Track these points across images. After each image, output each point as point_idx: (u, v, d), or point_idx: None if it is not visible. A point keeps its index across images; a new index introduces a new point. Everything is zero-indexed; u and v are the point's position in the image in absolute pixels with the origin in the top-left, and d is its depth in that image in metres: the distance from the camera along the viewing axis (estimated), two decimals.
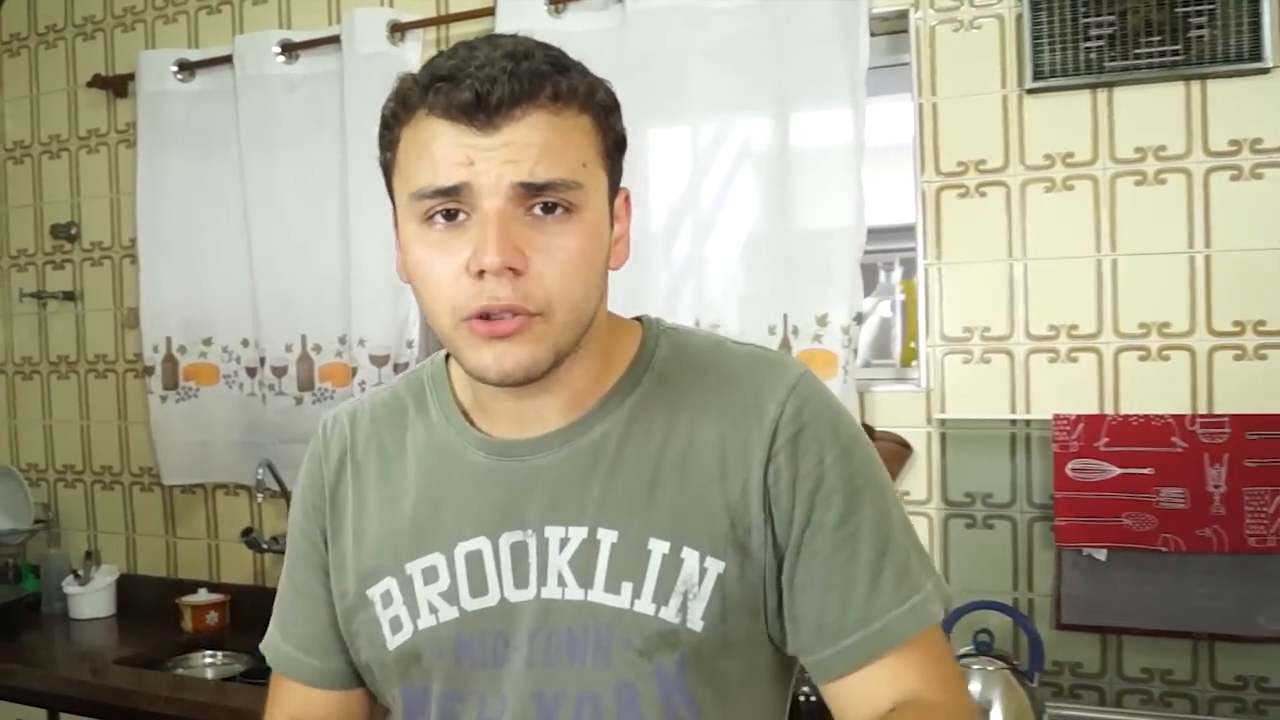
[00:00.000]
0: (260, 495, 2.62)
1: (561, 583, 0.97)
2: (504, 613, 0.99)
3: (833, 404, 1.00)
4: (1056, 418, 2.01)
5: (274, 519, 2.79)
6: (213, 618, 2.77)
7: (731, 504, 0.96)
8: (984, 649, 1.95)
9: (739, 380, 1.00)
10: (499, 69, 0.86)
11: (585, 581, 0.97)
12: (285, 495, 2.66)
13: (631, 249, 1.01)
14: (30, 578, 3.04)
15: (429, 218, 0.90)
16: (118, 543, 3.08)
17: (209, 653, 2.72)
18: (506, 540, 0.99)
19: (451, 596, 1.00)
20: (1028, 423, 2.11)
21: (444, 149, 0.88)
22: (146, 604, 2.93)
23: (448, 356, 1.09)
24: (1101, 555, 2.00)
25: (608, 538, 0.97)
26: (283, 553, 2.67)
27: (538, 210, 0.88)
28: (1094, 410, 2.06)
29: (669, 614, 0.95)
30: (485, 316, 0.88)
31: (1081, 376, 2.08)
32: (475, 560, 1.00)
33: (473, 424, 1.04)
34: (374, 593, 1.04)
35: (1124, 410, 2.04)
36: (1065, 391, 2.08)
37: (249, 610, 2.78)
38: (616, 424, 1.00)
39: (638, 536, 0.96)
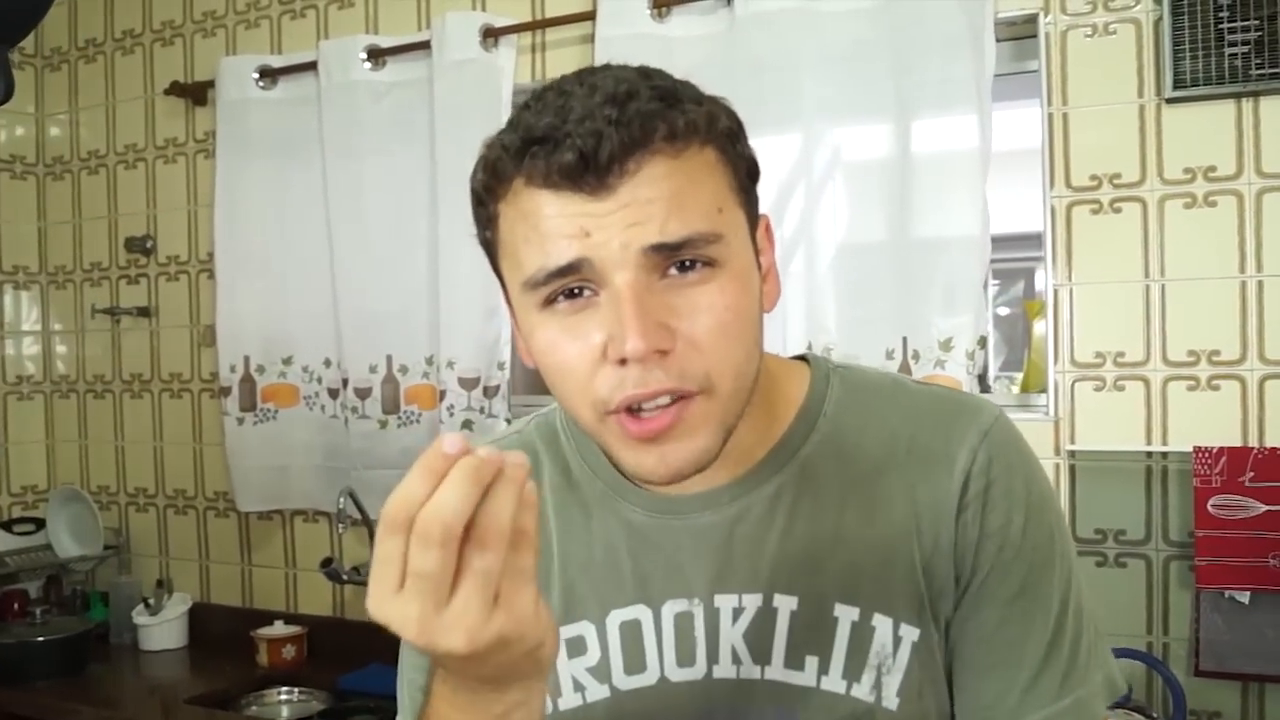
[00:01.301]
0: (341, 524, 2.69)
1: (736, 659, 0.93)
2: (665, 694, 0.95)
3: (1028, 457, 0.96)
4: (1197, 450, 2.03)
5: (355, 548, 2.87)
6: (289, 651, 2.85)
7: (925, 562, 0.92)
8: (1120, 701, 1.95)
9: (925, 424, 0.95)
10: (602, 119, 0.79)
11: (762, 657, 0.92)
12: (368, 523, 2.74)
13: None
14: (99, 606, 3.16)
15: (549, 302, 0.83)
16: (190, 570, 3.20)
17: (285, 689, 2.79)
18: (670, 610, 0.95)
19: (602, 673, 0.96)
20: (1164, 455, 2.13)
21: (554, 223, 0.81)
22: (220, 635, 3.01)
23: None
24: (1244, 598, 2.01)
25: (786, 605, 0.92)
26: (364, 584, 2.76)
27: (674, 271, 0.82)
28: (1237, 442, 2.07)
29: (861, 691, 0.91)
30: (634, 409, 0.82)
31: (1223, 406, 2.10)
32: (632, 632, 0.95)
33: (624, 477, 0.97)
34: None
35: (1270, 442, 2.05)
36: (1205, 422, 2.10)
37: (327, 644, 2.87)
38: (790, 477, 0.95)
39: (821, 603, 0.92)
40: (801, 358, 1.03)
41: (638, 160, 0.80)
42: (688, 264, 0.82)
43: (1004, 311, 3.73)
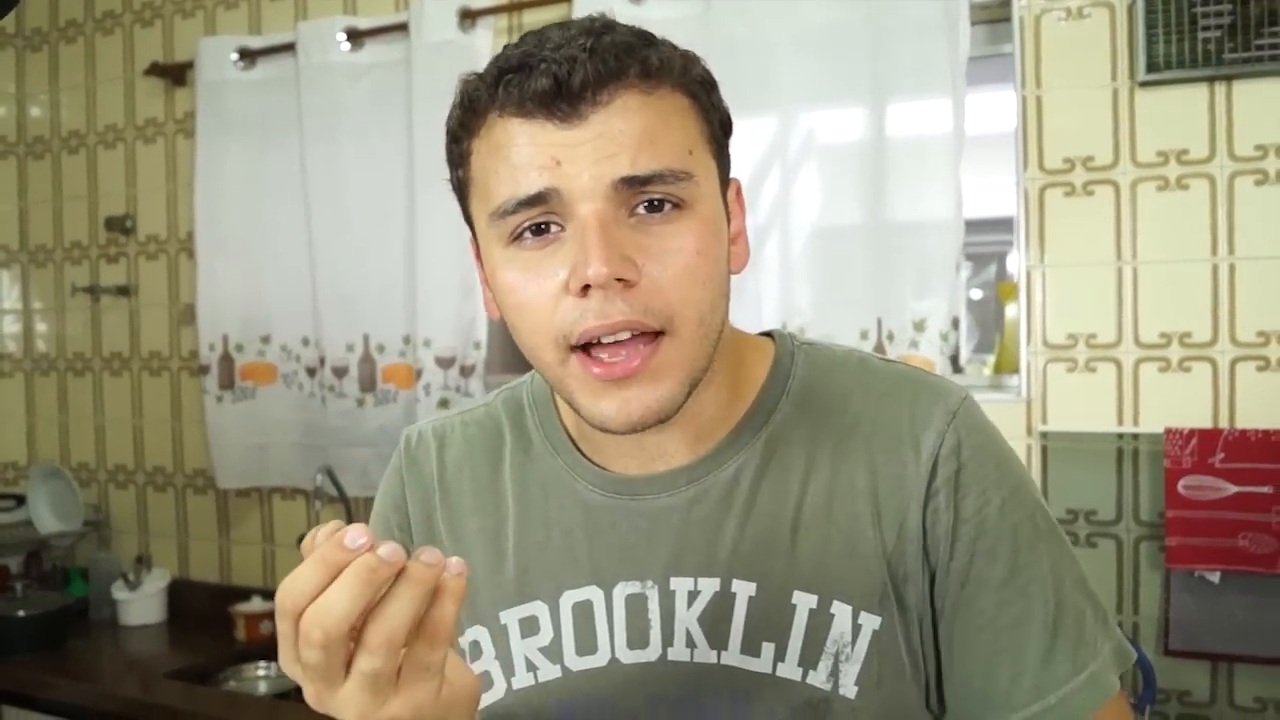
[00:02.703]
0: (319, 501, 2.67)
1: (690, 643, 0.90)
2: (615, 676, 0.91)
3: (997, 438, 0.92)
4: (1169, 431, 2.02)
5: None
6: (267, 627, 2.83)
7: (887, 550, 0.88)
8: None
9: (890, 405, 0.91)
10: (576, 48, 0.78)
11: (718, 642, 0.89)
12: (345, 501, 2.73)
13: None
14: (79, 581, 3.13)
15: (516, 237, 0.82)
16: (169, 546, 3.18)
17: (263, 664, 2.78)
18: (621, 591, 0.92)
19: (554, 653, 0.93)
20: (1135, 436, 2.12)
21: (525, 152, 0.80)
22: (198, 611, 3.00)
23: None
24: (1214, 578, 2.00)
25: (744, 591, 0.89)
26: None
27: (641, 210, 0.80)
28: (1208, 424, 2.06)
29: (818, 679, 0.87)
30: (593, 347, 0.81)
31: (1195, 388, 2.08)
32: (584, 613, 0.93)
33: (584, 455, 0.96)
34: (462, 642, 0.96)
35: (1240, 424, 2.04)
36: (1177, 403, 2.09)
37: None
38: (751, 458, 0.91)
39: (779, 589, 0.88)
40: (768, 334, 0.99)
41: (611, 91, 0.79)
42: (656, 203, 0.80)
43: (977, 295, 3.70)
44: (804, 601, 0.88)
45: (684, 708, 0.90)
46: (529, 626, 0.94)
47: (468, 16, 2.59)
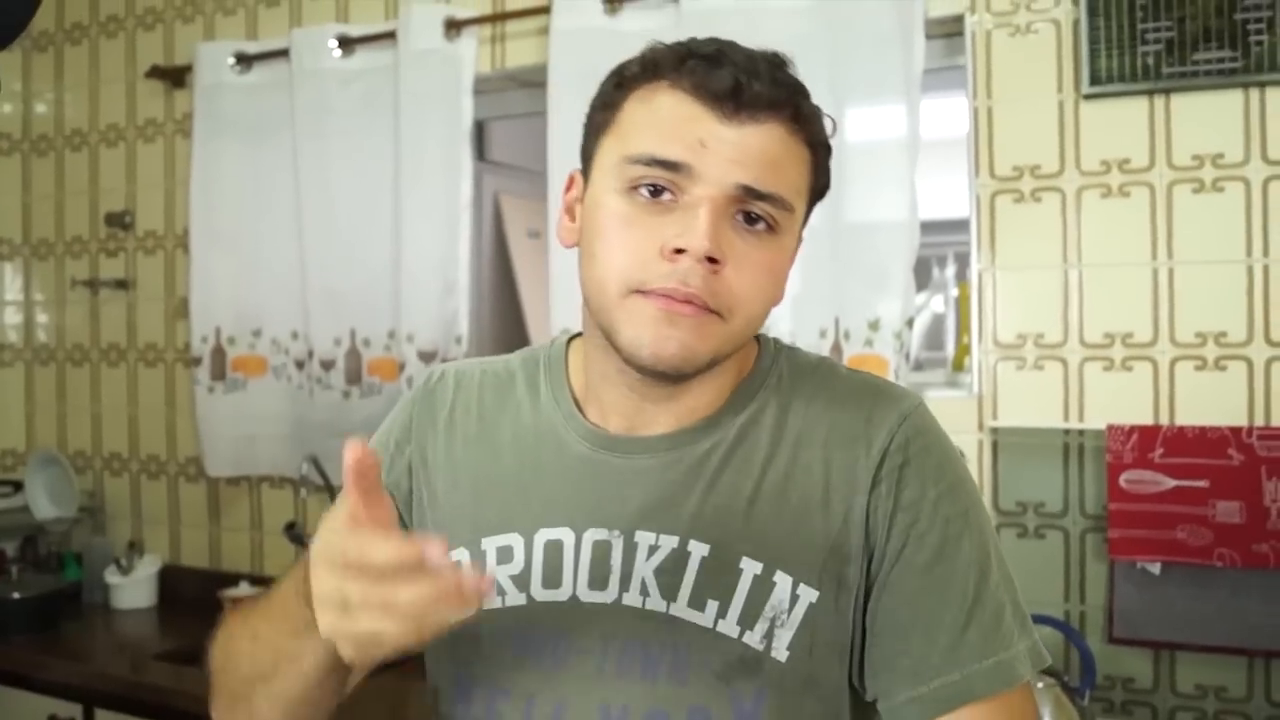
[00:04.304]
0: (305, 490, 2.72)
1: (644, 591, 0.97)
2: (573, 611, 0.98)
3: (943, 441, 1.00)
4: (1110, 428, 2.06)
5: (318, 513, 2.82)
6: None
7: (831, 532, 0.95)
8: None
9: (850, 407, 1.00)
10: (763, 67, 0.90)
11: (669, 593, 0.96)
12: (330, 489, 2.77)
13: None
14: (73, 566, 3.17)
15: (634, 187, 0.91)
16: (161, 533, 3.21)
17: None
18: (590, 536, 0.99)
19: (522, 582, 1.00)
20: (1081, 432, 2.17)
21: (680, 123, 0.89)
22: (188, 595, 3.03)
23: (569, 342, 1.10)
24: (1155, 569, 2.04)
25: (699, 550, 0.96)
26: None
27: (741, 219, 0.91)
28: (1149, 420, 2.11)
29: (753, 639, 0.94)
30: (666, 296, 0.89)
31: (1136, 386, 2.13)
32: (554, 550, 1.00)
33: (582, 414, 1.04)
34: None
35: (1179, 421, 2.09)
36: (1119, 401, 2.14)
37: None
38: (725, 438, 1.00)
39: (730, 554, 0.96)
40: (755, 336, 1.07)
41: (767, 114, 0.90)
42: (754, 216, 0.91)
43: (955, 292, 3.74)
44: (750, 567, 0.95)
45: (631, 649, 0.96)
46: (504, 554, 1.01)
47: (453, 26, 2.65)
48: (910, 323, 2.23)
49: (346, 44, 2.79)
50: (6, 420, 3.42)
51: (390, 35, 2.72)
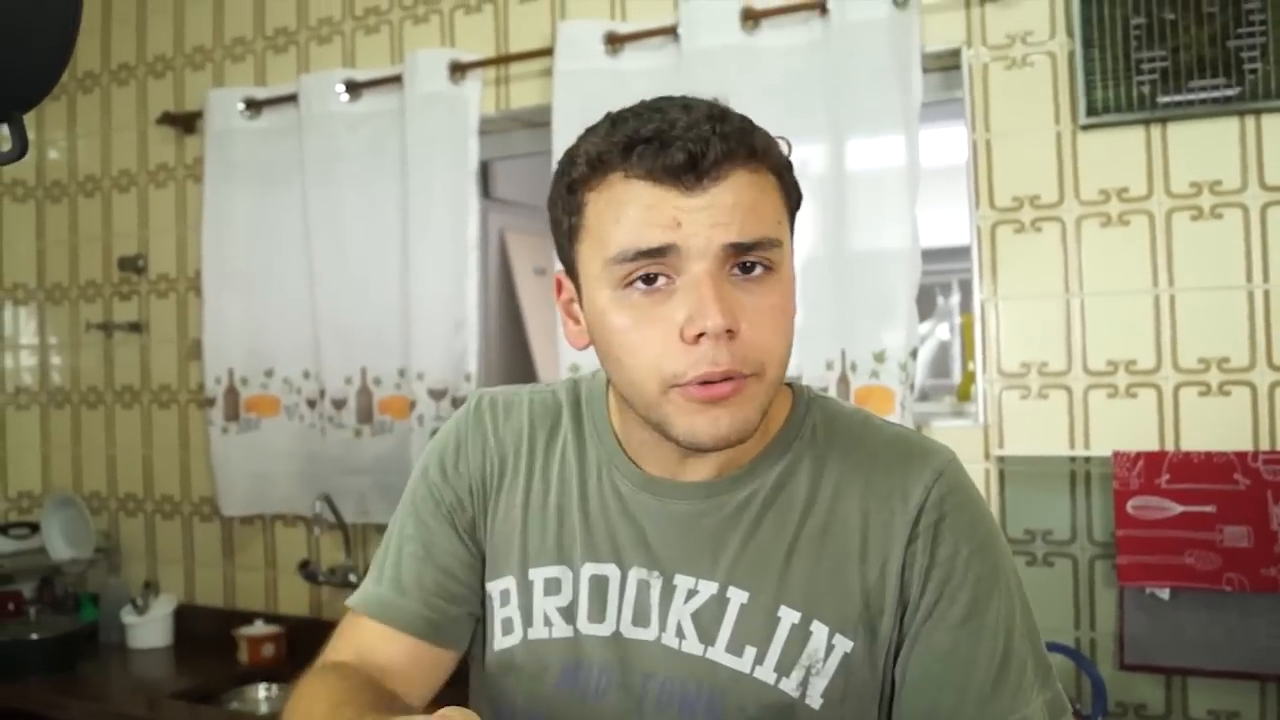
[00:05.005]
0: (318, 528, 2.73)
1: (680, 634, 0.99)
2: (618, 647, 1.01)
3: (976, 498, 1.02)
4: (1117, 454, 2.06)
5: (331, 551, 2.90)
6: (269, 650, 2.86)
7: (868, 584, 0.97)
8: None
9: (886, 460, 1.01)
10: (707, 129, 0.90)
11: (707, 638, 0.98)
12: (343, 527, 2.78)
13: None
14: (90, 606, 3.17)
15: (628, 283, 0.91)
16: (176, 572, 3.22)
17: (265, 685, 2.80)
18: (634, 575, 1.01)
19: (570, 614, 1.03)
20: (1087, 459, 2.16)
21: (648, 210, 0.90)
22: (203, 634, 3.03)
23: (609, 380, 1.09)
24: (1165, 594, 2.03)
25: (738, 598, 0.98)
26: (340, 585, 2.78)
27: (737, 271, 0.91)
28: (1154, 447, 2.11)
29: (789, 686, 0.96)
30: (704, 383, 0.90)
31: (1141, 413, 2.13)
32: (600, 585, 1.02)
33: (624, 451, 1.05)
34: (493, 587, 1.06)
35: (1185, 447, 2.09)
36: (1125, 428, 2.13)
37: (305, 643, 2.83)
38: (764, 486, 1.01)
39: (769, 602, 0.98)
40: (788, 384, 1.08)
41: (728, 168, 0.90)
42: (749, 265, 0.92)
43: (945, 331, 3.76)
44: (788, 616, 0.98)
45: (670, 688, 0.99)
46: (552, 586, 1.04)
47: (458, 69, 2.67)
48: (914, 353, 2.23)
49: (354, 88, 2.81)
50: (22, 462, 3.42)
51: (396, 79, 2.75)
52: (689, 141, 0.89)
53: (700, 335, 0.89)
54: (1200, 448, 2.05)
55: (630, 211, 0.91)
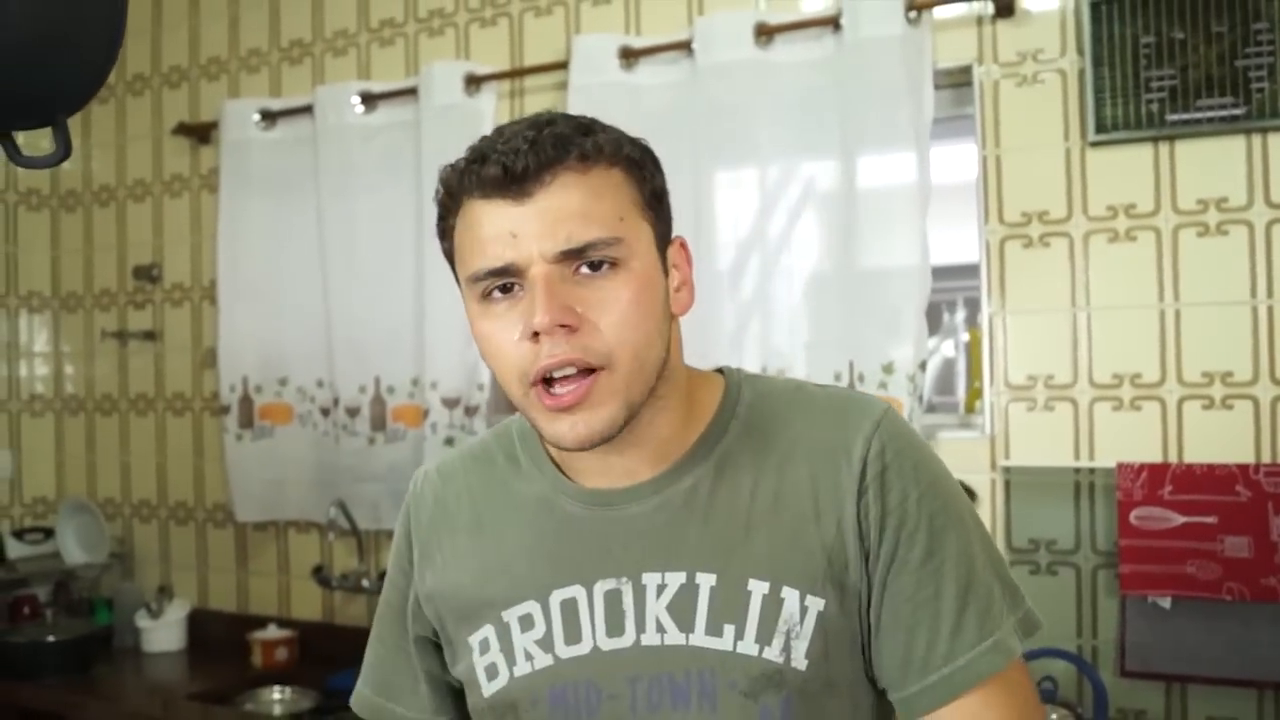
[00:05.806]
0: (332, 534, 2.74)
1: (660, 629, 1.00)
2: (597, 661, 1.02)
3: (915, 441, 1.03)
4: (1120, 466, 2.08)
5: (344, 556, 2.91)
6: (282, 654, 2.87)
7: (827, 542, 0.99)
8: (1048, 697, 2.00)
9: (825, 421, 1.03)
10: (521, 140, 0.93)
11: (685, 626, 0.99)
12: (356, 533, 2.79)
13: (698, 289, 1.07)
14: (103, 611, 3.17)
15: (487, 295, 0.96)
16: (190, 577, 3.22)
17: (278, 688, 2.81)
18: (601, 588, 1.02)
19: (547, 644, 1.03)
20: (1091, 470, 2.18)
21: (488, 228, 0.94)
22: (217, 639, 3.03)
23: None
24: (1166, 603, 2.04)
25: (706, 581, 1.00)
26: (352, 590, 2.79)
27: (585, 270, 0.94)
28: (1157, 459, 2.12)
29: (773, 654, 0.98)
30: (549, 381, 0.94)
31: (1145, 425, 2.14)
32: (570, 608, 1.03)
33: (565, 475, 1.07)
34: (473, 640, 1.07)
35: (1187, 459, 2.10)
36: (1128, 440, 2.15)
37: (318, 647, 2.89)
38: (707, 471, 1.03)
39: (737, 578, 0.99)
40: (719, 370, 1.11)
41: (551, 174, 0.93)
42: (597, 263, 0.94)
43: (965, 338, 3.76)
44: (758, 588, 0.99)
45: (658, 684, 1.00)
46: (526, 622, 1.05)
47: (472, 82, 2.68)
48: (923, 365, 2.24)
49: (369, 100, 2.82)
50: (38, 469, 3.43)
51: (412, 91, 2.75)
52: (503, 155, 0.93)
53: (536, 334, 0.92)
54: (1203, 460, 2.07)
55: (478, 233, 0.95)
